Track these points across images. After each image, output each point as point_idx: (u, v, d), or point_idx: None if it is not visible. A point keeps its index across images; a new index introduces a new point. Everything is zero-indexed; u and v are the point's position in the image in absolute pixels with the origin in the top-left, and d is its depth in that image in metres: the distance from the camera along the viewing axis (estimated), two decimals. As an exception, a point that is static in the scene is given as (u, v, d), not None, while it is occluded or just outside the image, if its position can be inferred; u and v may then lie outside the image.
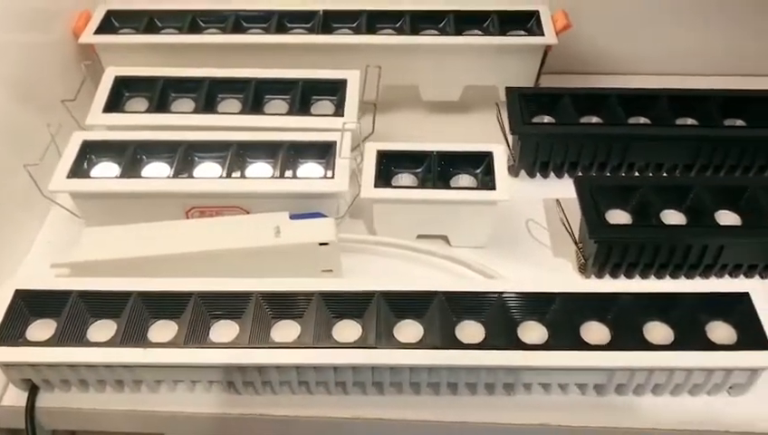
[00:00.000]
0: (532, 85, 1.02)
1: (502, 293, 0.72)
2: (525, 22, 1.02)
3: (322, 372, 0.69)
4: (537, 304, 0.72)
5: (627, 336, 0.69)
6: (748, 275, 0.83)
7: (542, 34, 0.98)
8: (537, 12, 1.01)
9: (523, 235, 0.90)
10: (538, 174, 0.96)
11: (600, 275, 0.83)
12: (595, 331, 0.71)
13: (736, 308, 0.71)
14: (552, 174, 0.96)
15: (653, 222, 0.81)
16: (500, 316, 0.71)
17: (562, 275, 0.85)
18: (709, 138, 0.90)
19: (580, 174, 0.93)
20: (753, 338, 0.68)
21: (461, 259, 0.82)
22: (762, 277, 0.83)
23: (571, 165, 0.94)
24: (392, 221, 0.86)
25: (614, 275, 0.83)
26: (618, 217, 0.83)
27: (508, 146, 0.94)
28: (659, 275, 0.83)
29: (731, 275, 0.83)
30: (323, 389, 0.72)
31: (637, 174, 0.93)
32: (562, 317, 0.71)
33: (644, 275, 0.83)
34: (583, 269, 0.84)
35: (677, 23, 1.07)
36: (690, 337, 0.69)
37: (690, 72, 1.08)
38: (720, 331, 0.71)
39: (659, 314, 0.71)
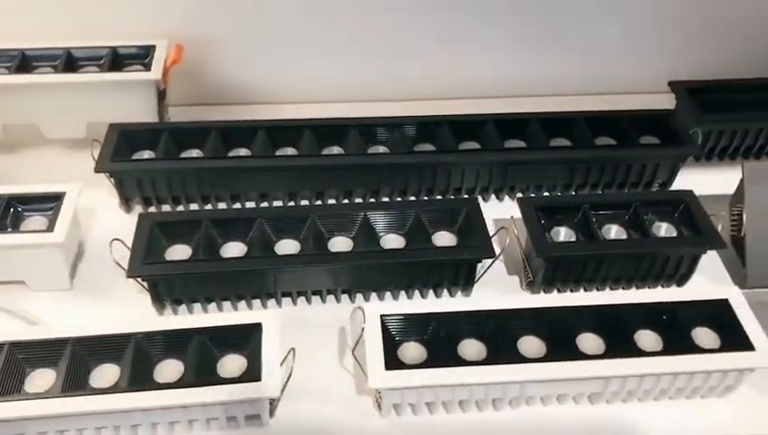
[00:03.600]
0: (156, 120, 1.01)
1: (12, 342, 0.70)
2: (144, 57, 1.01)
3: None
4: (50, 351, 0.70)
5: (138, 377, 0.69)
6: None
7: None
8: (155, 46, 1.01)
9: (119, 274, 0.89)
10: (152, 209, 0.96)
11: (175, 312, 0.83)
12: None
13: (250, 339, 0.72)
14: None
15: (208, 256, 0.81)
16: (7, 366, 0.69)
17: (139, 312, 0.84)
18: (304, 167, 0.93)
19: (180, 208, 0.94)
20: (254, 369, 0.69)
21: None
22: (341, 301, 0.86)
23: (174, 199, 0.94)
24: (-41, 269, 0.83)
25: (190, 310, 0.83)
26: (181, 252, 0.83)
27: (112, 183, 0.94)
28: (235, 307, 0.84)
29: (306, 301, 0.85)
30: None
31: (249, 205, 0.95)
32: (74, 362, 0.70)
33: (221, 308, 0.83)
34: (156, 306, 0.83)
35: (320, 54, 1.10)
36: (201, 372, 0.70)
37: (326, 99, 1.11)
38: (232, 364, 0.72)
39: (173, 352, 0.72)
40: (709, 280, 0.89)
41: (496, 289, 0.88)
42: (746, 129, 1.01)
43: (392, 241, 0.85)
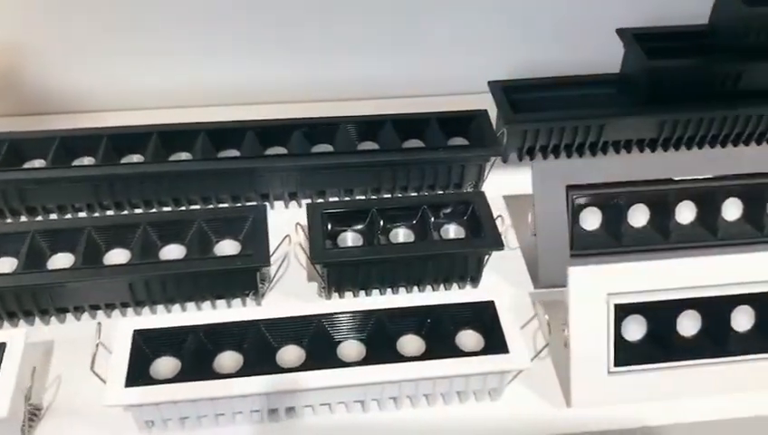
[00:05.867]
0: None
1: None
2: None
3: None
4: None
5: None
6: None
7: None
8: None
9: None
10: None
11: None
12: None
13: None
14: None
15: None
16: None
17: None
18: (100, 177, 0.90)
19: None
20: None
21: None
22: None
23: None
24: None
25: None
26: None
27: None
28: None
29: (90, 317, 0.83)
30: None
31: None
32: None
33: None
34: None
35: (134, 61, 1.07)
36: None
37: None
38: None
39: None
40: (508, 281, 0.89)
41: (294, 296, 0.86)
42: (562, 127, 1.01)
43: (173, 252, 0.83)
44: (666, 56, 1.00)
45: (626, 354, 0.76)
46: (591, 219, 0.89)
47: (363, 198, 0.96)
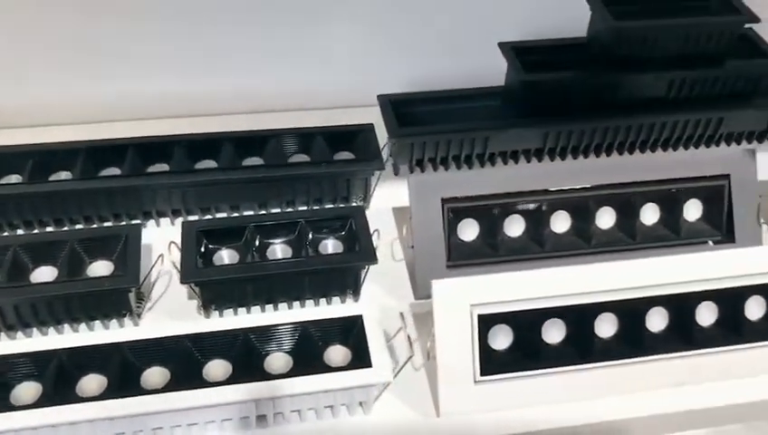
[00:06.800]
0: None
1: None
2: None
3: None
4: None
5: None
6: None
7: None
8: None
9: None
10: None
11: None
12: None
13: None
14: None
15: None
16: None
17: None
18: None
19: None
20: None
21: None
22: None
23: None
24: None
25: None
26: None
27: None
28: None
29: None
30: None
31: None
32: None
33: None
34: None
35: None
36: None
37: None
38: None
39: None
40: (393, 293, 0.90)
41: (173, 316, 0.85)
42: (448, 139, 1.02)
43: (44, 274, 0.82)
44: (546, 69, 1.02)
45: (492, 363, 0.78)
46: (468, 230, 0.91)
47: (251, 213, 0.96)
